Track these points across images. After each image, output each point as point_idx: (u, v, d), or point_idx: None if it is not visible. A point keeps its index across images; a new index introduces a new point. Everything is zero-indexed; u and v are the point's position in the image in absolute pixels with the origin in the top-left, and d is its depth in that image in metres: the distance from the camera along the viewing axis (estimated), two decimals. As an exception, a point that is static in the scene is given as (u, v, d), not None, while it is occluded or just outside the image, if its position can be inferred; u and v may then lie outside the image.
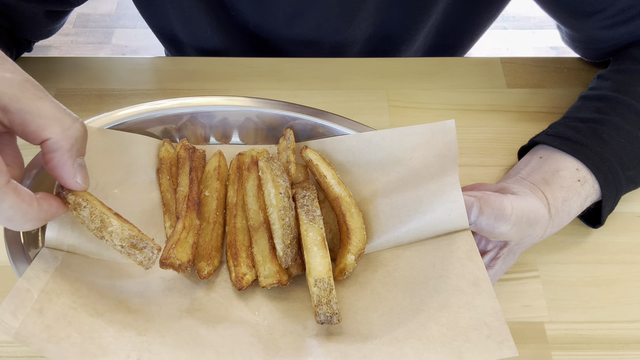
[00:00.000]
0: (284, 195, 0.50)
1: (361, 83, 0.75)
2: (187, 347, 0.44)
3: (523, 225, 0.51)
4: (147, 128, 0.59)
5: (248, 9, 0.78)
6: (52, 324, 0.42)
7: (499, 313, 0.44)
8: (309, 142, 0.60)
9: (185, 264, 0.48)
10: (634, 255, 0.61)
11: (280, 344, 0.46)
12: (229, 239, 0.53)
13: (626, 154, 0.59)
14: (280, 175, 0.52)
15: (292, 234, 0.49)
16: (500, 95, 0.75)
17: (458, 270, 0.47)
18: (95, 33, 2.15)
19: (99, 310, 0.45)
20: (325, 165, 0.56)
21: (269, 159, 0.53)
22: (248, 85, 0.74)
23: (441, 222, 0.50)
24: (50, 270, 0.46)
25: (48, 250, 0.48)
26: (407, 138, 0.55)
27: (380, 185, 0.55)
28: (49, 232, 0.48)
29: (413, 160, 0.54)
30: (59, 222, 0.49)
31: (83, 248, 0.50)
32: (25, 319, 0.41)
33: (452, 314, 0.45)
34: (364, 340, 0.45)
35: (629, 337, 0.56)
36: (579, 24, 0.70)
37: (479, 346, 0.42)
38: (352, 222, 0.52)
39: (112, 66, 0.76)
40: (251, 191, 0.54)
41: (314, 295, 0.46)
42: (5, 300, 0.41)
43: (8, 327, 0.40)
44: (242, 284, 0.49)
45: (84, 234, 0.49)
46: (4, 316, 0.40)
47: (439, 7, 0.78)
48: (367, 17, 0.78)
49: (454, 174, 0.50)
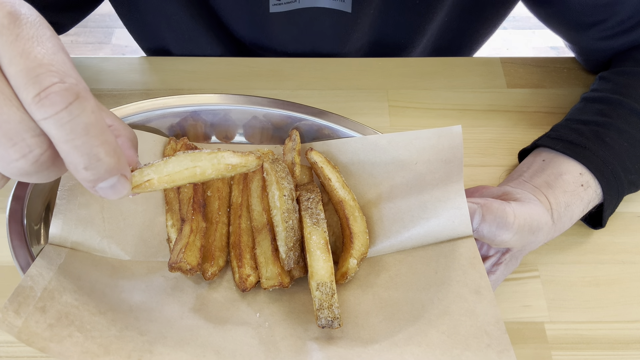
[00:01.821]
0: (288, 197, 0.50)
1: (361, 83, 0.75)
2: (189, 348, 0.44)
3: (525, 232, 0.50)
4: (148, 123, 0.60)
5: (243, 31, 0.79)
6: (55, 323, 0.42)
7: (499, 322, 0.43)
8: (314, 144, 0.60)
9: (195, 268, 0.48)
10: (634, 255, 0.61)
11: (280, 346, 0.46)
12: (233, 239, 0.53)
13: (629, 158, 0.59)
14: (285, 177, 0.52)
15: (295, 236, 0.49)
16: (500, 95, 0.75)
17: (460, 277, 0.47)
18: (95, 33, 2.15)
19: (101, 309, 0.45)
20: (330, 168, 0.55)
21: (273, 160, 0.53)
22: (248, 85, 0.74)
23: (445, 228, 0.49)
24: (54, 267, 0.46)
25: (52, 247, 0.48)
26: (413, 142, 0.55)
27: (385, 189, 0.55)
28: (52, 228, 0.48)
29: (418, 165, 0.54)
30: (63, 218, 0.49)
31: (87, 244, 0.50)
32: (27, 317, 0.41)
33: (452, 321, 0.45)
34: (364, 345, 0.45)
35: (629, 337, 0.56)
36: (579, 36, 0.70)
37: (479, 355, 0.42)
38: (356, 226, 0.52)
39: (112, 66, 0.76)
40: (255, 192, 0.54)
41: (316, 299, 0.46)
42: (8, 299, 0.41)
43: (11, 326, 0.40)
44: (246, 285, 0.49)
45: (87, 230, 0.50)
46: (7, 315, 0.40)
47: (433, 24, 0.78)
48: (362, 36, 0.78)
49: (459, 180, 0.49)
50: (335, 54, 0.80)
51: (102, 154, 0.31)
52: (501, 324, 0.43)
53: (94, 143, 0.30)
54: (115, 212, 0.53)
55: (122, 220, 0.53)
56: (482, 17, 0.80)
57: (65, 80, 0.29)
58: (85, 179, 0.32)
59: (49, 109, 0.29)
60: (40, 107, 0.29)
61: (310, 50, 0.80)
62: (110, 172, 0.32)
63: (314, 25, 0.75)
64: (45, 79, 0.29)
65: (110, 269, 0.50)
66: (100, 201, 0.52)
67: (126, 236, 0.52)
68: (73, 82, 0.30)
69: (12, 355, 0.53)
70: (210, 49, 0.81)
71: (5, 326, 0.40)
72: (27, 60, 0.29)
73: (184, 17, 0.75)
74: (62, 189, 0.50)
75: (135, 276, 0.50)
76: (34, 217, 0.52)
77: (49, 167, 0.31)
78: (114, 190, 0.33)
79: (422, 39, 0.81)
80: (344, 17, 0.73)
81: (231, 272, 0.52)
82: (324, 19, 0.74)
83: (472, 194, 0.58)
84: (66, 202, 0.50)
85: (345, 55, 0.81)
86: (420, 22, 0.77)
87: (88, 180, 0.32)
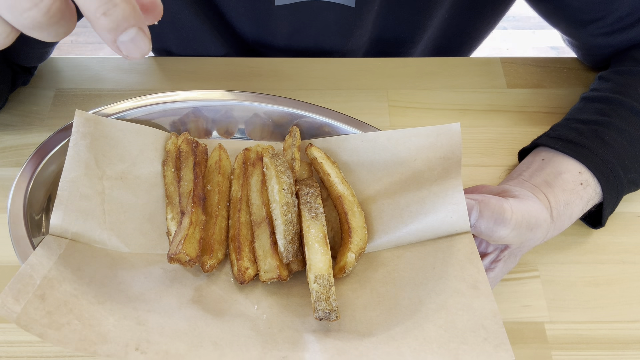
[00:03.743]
0: (287, 191, 0.51)
1: (361, 83, 0.75)
2: (186, 338, 0.44)
3: (523, 229, 0.50)
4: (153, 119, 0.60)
5: (246, 27, 0.79)
6: (53, 310, 0.42)
7: (497, 316, 0.44)
8: (314, 140, 0.60)
9: (194, 259, 0.49)
10: (634, 255, 0.61)
11: (278, 338, 0.46)
12: (232, 232, 0.53)
13: (628, 157, 0.59)
14: (285, 171, 0.52)
15: (294, 230, 0.50)
16: (500, 95, 0.75)
17: (458, 272, 0.47)
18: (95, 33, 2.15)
19: (100, 299, 0.45)
20: (329, 164, 0.56)
21: (273, 155, 0.54)
22: (248, 85, 0.74)
23: (443, 224, 0.50)
24: (54, 257, 0.47)
25: (52, 237, 0.49)
26: (412, 139, 0.55)
27: (384, 186, 0.55)
28: (53, 219, 0.49)
29: (417, 162, 0.54)
30: (64, 209, 0.49)
31: (87, 236, 0.50)
32: (27, 304, 0.42)
33: (450, 315, 0.45)
34: (361, 338, 0.45)
35: (629, 337, 0.56)
36: (577, 32, 0.71)
37: (476, 348, 0.42)
38: (354, 220, 0.52)
39: (112, 66, 0.76)
40: (255, 186, 0.54)
41: (313, 292, 0.46)
42: (8, 285, 0.42)
43: (10, 312, 0.41)
44: (244, 277, 0.50)
45: (88, 222, 0.50)
46: (6, 300, 0.41)
47: (435, 20, 0.79)
48: (364, 31, 0.79)
49: (457, 176, 0.50)
50: (339, 50, 0.80)
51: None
52: (498, 318, 0.43)
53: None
54: (116, 204, 0.53)
55: (123, 212, 0.53)
56: (481, 14, 0.81)
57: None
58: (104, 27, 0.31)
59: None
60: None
61: (314, 46, 0.80)
62: (128, 20, 0.32)
63: (318, 19, 0.75)
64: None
65: (109, 260, 0.50)
66: (102, 193, 0.52)
67: (126, 229, 0.53)
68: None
69: (12, 355, 0.53)
70: (213, 47, 0.82)
71: (4, 311, 0.40)
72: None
73: (188, 15, 0.76)
74: (64, 181, 0.51)
75: (134, 268, 0.51)
76: (35, 208, 0.53)
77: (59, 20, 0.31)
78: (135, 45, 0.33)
79: (423, 35, 0.81)
80: (348, 11, 0.73)
81: (230, 265, 0.53)
82: (327, 13, 0.74)
83: (471, 193, 0.58)
84: (67, 194, 0.50)
85: (347, 50, 0.81)
86: (421, 17, 0.77)
87: (108, 29, 0.32)
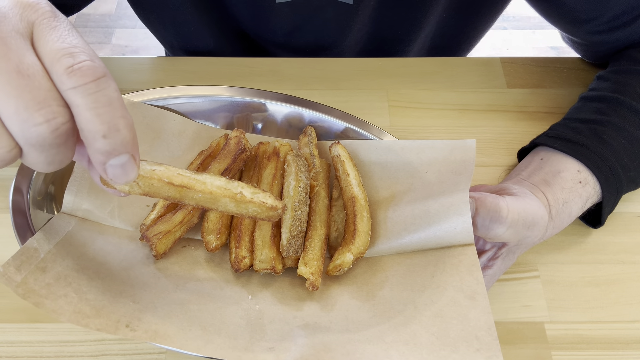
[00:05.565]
0: (303, 190, 0.52)
1: (361, 83, 0.75)
2: (177, 320, 0.45)
3: (520, 227, 0.50)
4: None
5: (247, 23, 0.80)
6: (53, 283, 0.44)
7: (491, 329, 0.43)
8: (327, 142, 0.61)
9: (159, 255, 0.51)
10: (634, 255, 0.61)
11: (267, 329, 0.47)
12: (235, 220, 0.54)
13: (627, 155, 0.59)
14: (304, 172, 0.54)
15: (300, 227, 0.51)
16: (500, 95, 0.75)
17: (456, 283, 0.47)
18: (95, 33, 2.15)
19: (100, 275, 0.47)
20: (351, 164, 0.56)
21: (297, 155, 0.55)
22: (248, 85, 0.74)
23: (446, 234, 0.49)
24: (61, 233, 0.49)
25: (63, 215, 0.51)
26: (425, 151, 0.55)
27: (392, 194, 0.56)
28: (66, 197, 0.51)
29: (428, 174, 0.54)
30: (77, 185, 0.52)
31: (97, 214, 0.52)
32: (28, 275, 0.43)
33: (444, 324, 0.44)
34: (350, 337, 0.45)
35: (629, 337, 0.56)
36: (575, 30, 0.71)
37: (467, 358, 0.42)
38: (361, 225, 0.52)
39: (112, 66, 0.76)
40: (266, 179, 0.55)
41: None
42: (12, 256, 0.43)
43: (10, 280, 0.42)
44: (240, 266, 0.51)
45: (99, 199, 0.52)
46: (8, 270, 0.42)
47: (431, 18, 0.79)
48: (362, 27, 0.79)
49: (465, 189, 0.49)
50: (336, 46, 0.81)
51: (122, 125, 0.33)
52: (493, 330, 0.43)
53: (116, 114, 0.33)
54: None
55: None
56: (478, 13, 0.81)
57: (95, 61, 0.33)
58: (101, 149, 0.33)
59: (79, 79, 0.32)
60: (71, 77, 0.32)
61: (313, 42, 0.81)
62: (125, 147, 0.34)
63: (317, 16, 0.76)
64: (79, 56, 0.32)
65: (115, 238, 0.52)
66: None
67: (135, 208, 0.54)
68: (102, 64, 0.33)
69: (12, 355, 0.53)
70: (213, 43, 0.82)
71: (5, 280, 0.42)
72: (63, 42, 0.33)
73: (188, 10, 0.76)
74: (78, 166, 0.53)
75: (138, 248, 0.52)
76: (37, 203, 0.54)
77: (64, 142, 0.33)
78: (124, 170, 0.35)
79: (420, 33, 0.82)
80: (346, 8, 0.74)
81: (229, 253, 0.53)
82: (326, 10, 0.75)
83: None
84: (81, 174, 0.52)
85: (344, 47, 0.82)
86: (417, 15, 0.78)
87: (103, 151, 0.33)
